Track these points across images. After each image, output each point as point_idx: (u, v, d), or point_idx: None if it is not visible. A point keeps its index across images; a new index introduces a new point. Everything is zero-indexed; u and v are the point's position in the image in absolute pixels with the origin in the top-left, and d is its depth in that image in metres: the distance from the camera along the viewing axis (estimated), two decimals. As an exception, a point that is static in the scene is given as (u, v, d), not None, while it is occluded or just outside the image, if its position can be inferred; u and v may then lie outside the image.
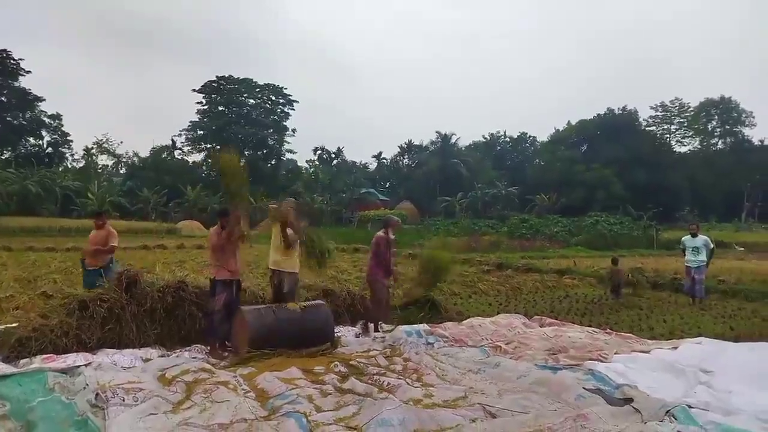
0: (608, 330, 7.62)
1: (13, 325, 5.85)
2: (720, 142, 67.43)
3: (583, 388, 4.49)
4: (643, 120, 64.28)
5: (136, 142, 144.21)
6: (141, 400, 4.14)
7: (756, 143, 64.40)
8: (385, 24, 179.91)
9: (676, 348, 5.89)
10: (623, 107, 59.52)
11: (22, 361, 5.04)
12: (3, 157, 51.75)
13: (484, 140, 75.64)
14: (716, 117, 66.62)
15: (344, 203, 55.24)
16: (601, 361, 5.26)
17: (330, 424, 3.77)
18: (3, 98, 52.31)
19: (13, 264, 14.35)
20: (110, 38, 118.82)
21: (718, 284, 12.28)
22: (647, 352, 5.74)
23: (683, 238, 11.29)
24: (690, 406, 4.05)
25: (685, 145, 68.59)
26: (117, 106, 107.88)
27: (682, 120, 68.43)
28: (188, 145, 63.89)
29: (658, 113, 68.23)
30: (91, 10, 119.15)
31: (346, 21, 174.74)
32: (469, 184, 55.52)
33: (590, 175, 49.79)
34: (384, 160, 74.62)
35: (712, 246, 10.85)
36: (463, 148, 67.28)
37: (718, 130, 67.11)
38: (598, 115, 60.01)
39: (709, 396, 4.45)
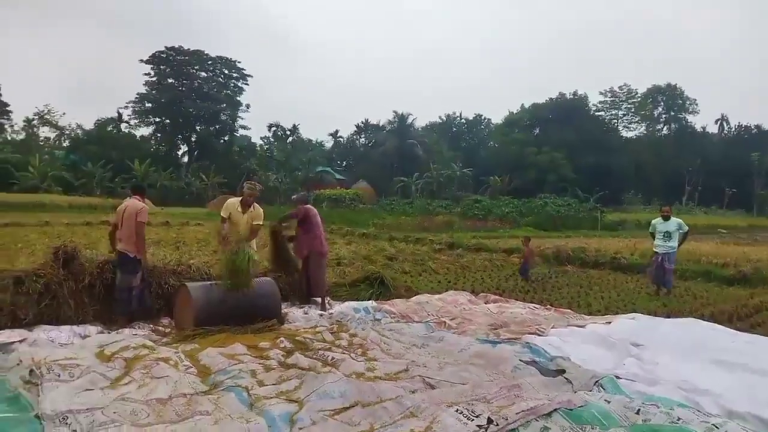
0: (548, 306, 7.92)
1: None
2: (665, 128, 70.35)
3: (520, 360, 4.67)
4: (593, 105, 66.28)
5: (80, 114, 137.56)
6: (77, 376, 4.04)
7: (698, 130, 67.67)
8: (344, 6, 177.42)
9: (610, 323, 6.19)
10: (574, 92, 61.06)
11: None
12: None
13: (441, 121, 76.14)
14: (662, 103, 69.36)
15: (300, 182, 54.60)
16: (539, 335, 5.47)
17: (271, 397, 3.79)
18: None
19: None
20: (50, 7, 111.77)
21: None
22: (583, 326, 6.01)
23: (653, 221, 10.21)
24: (618, 377, 4.29)
25: (631, 131, 71.33)
26: (60, 77, 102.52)
27: (629, 106, 70.88)
28: (135, 119, 61.77)
29: (607, 99, 70.52)
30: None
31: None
32: (425, 165, 55.87)
33: (541, 157, 50.98)
34: (341, 139, 74.10)
35: (686, 229, 9.84)
36: (420, 129, 67.48)
37: (664, 116, 69.97)
38: (551, 99, 61.35)
39: (638, 368, 4.70)
